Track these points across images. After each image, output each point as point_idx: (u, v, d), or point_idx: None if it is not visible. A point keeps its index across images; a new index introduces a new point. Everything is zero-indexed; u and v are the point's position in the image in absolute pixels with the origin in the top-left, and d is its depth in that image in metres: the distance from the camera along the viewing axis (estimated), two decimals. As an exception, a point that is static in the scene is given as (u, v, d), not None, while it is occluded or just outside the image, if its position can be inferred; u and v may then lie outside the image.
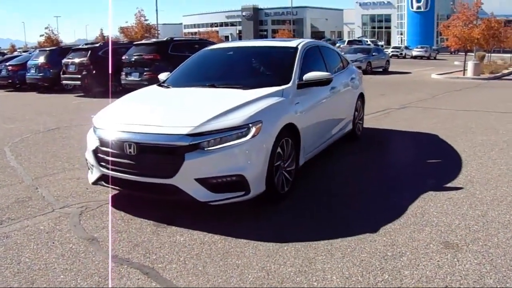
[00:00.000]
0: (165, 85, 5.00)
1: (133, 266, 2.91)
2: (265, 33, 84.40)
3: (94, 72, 12.97)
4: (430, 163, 5.32)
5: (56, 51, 15.80)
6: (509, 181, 4.43)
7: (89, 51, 13.22)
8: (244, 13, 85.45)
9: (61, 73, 14.23)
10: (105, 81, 12.96)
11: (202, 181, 3.47)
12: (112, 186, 3.90)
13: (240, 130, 3.55)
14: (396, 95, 12.34)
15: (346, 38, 67.73)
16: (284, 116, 3.98)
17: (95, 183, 4.04)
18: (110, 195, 4.19)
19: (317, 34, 76.75)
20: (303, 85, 4.53)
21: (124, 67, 12.35)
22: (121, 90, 13.29)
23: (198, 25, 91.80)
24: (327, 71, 5.21)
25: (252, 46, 5.61)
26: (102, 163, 3.83)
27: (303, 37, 64.61)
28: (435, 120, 8.08)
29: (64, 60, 14.00)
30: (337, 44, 40.79)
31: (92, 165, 4.01)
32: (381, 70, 23.35)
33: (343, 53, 9.87)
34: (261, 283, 2.69)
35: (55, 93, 15.14)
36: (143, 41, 14.20)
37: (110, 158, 3.75)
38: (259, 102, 3.90)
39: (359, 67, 21.42)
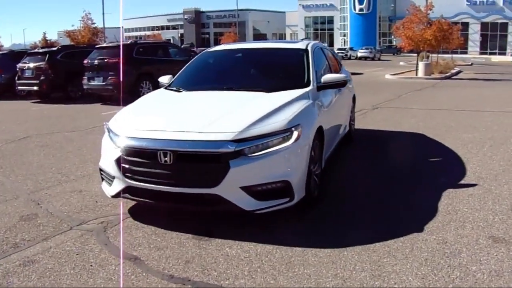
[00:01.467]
0: (174, 89, 4.75)
1: (199, 286, 2.70)
2: (207, 36, 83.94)
3: (52, 76, 12.11)
4: (432, 161, 5.50)
5: (8, 55, 14.64)
6: None
7: (47, 55, 12.31)
8: (186, 16, 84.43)
9: (16, 78, 13.17)
10: (65, 86, 12.17)
11: (247, 189, 3.31)
12: (141, 199, 3.61)
13: (283, 134, 3.43)
14: (362, 96, 12.57)
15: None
16: (316, 119, 3.93)
17: (116, 196, 3.72)
18: (121, 208, 3.91)
19: (258, 37, 77.50)
20: (321, 87, 4.50)
21: (86, 71, 11.65)
22: (80, 95, 12.59)
23: (140, 29, 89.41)
24: (331, 72, 5.24)
25: (259, 48, 5.50)
26: (128, 174, 3.53)
27: (245, 40, 65.23)
28: (414, 119, 8.41)
29: (19, 65, 12.98)
30: None
31: (113, 177, 3.69)
32: None
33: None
34: (343, 292, 2.61)
35: (8, 100, 13.93)
36: (105, 44, 13.52)
37: (139, 169, 3.48)
38: (291, 106, 3.80)
39: None
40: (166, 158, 3.32)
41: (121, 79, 11.03)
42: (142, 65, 11.72)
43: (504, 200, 3.99)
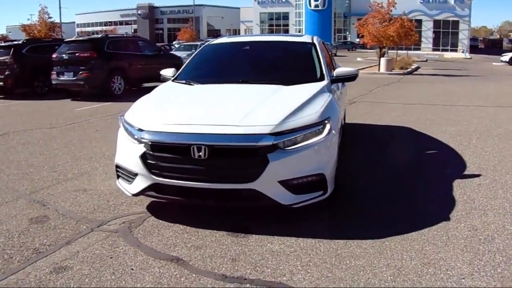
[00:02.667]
0: (183, 82, 4.58)
1: (258, 284, 2.62)
2: (161, 31, 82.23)
3: (18, 71, 11.30)
4: (431, 154, 5.69)
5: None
6: None
7: (12, 49, 11.45)
8: (139, 12, 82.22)
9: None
10: (31, 81, 11.41)
11: (284, 183, 3.25)
12: (169, 196, 3.45)
13: (316, 127, 3.39)
14: (334, 91, 12.95)
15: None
16: (339, 112, 3.93)
17: (139, 194, 3.53)
18: (131, 205, 3.73)
19: (213, 33, 77.03)
20: (334, 80, 4.52)
21: (54, 66, 10.98)
22: (47, 91, 11.89)
23: (92, 24, 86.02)
24: (331, 66, 5.28)
25: (266, 41, 5.43)
26: (155, 171, 3.36)
27: (199, 36, 64.57)
28: (394, 113, 8.67)
29: (-18, 60, 11.93)
30: None
31: (135, 174, 3.50)
32: None
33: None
34: (403, 280, 2.63)
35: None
36: (75, 38, 12.86)
37: (168, 165, 3.32)
38: (317, 99, 3.77)
39: None
40: (200, 153, 3.18)
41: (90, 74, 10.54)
42: (114, 59, 11.26)
43: (511, 189, 4.20)
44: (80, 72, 10.53)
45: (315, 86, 4.11)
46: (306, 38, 5.20)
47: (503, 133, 6.64)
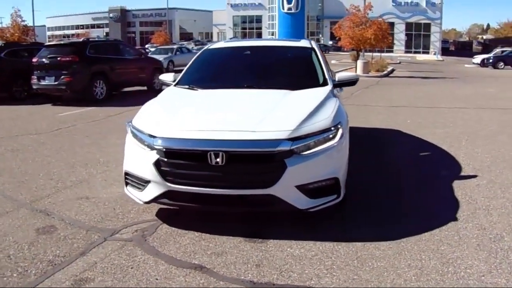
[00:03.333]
0: (186, 87, 4.54)
1: (286, 288, 2.63)
2: (133, 35, 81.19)
3: (-6, 76, 10.85)
4: (424, 156, 5.84)
5: None
6: (505, 167, 5.11)
7: (-13, 53, 11.01)
8: (111, 15, 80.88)
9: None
10: (9, 85, 11.00)
11: (301, 188, 3.27)
12: (183, 203, 3.42)
13: (330, 132, 3.43)
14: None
15: (215, 39, 69.27)
16: (346, 117, 3.99)
17: (152, 201, 3.47)
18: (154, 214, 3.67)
19: (185, 36, 76.72)
20: (336, 85, 4.58)
21: (34, 70, 10.63)
22: (26, 96, 11.51)
23: (63, 27, 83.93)
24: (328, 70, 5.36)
25: (266, 46, 5.45)
26: (169, 177, 3.31)
27: (172, 39, 64.19)
28: (381, 116, 8.85)
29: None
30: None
31: (146, 181, 3.44)
32: None
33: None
34: (426, 279, 2.70)
35: None
36: (55, 42, 12.49)
37: (184, 171, 3.28)
38: (326, 104, 3.82)
39: None
40: (217, 159, 3.17)
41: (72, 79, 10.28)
42: (96, 64, 11.01)
43: (509, 189, 4.35)
44: (62, 77, 10.24)
45: (321, 91, 4.16)
46: (305, 43, 5.26)
47: (489, 134, 6.89)
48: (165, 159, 3.31)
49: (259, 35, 73.97)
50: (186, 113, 3.73)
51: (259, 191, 3.23)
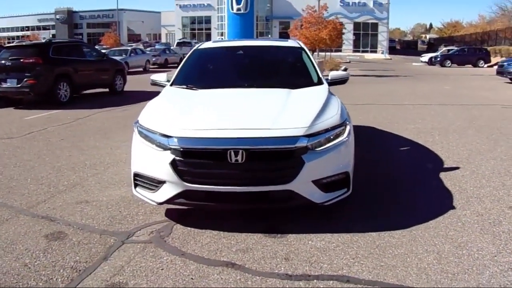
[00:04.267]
0: (184, 87, 4.50)
1: (324, 279, 2.72)
2: (81, 37, 78.18)
3: None
4: (404, 150, 6.15)
5: None
6: (481, 159, 5.49)
7: None
8: (57, 16, 77.50)
9: None
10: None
11: (317, 183, 3.38)
12: (200, 203, 3.42)
13: (340, 128, 3.57)
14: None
15: (164, 41, 68.51)
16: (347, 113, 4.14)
17: (167, 202, 3.44)
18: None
19: (133, 37, 75.16)
20: (330, 83, 4.74)
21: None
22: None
23: (8, 29, 79.20)
24: None
25: (257, 46, 5.50)
26: (187, 177, 3.30)
27: (120, 41, 62.62)
28: (351, 113, 9.08)
29: None
30: (158, 47, 37.09)
31: (160, 182, 3.40)
32: None
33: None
34: (447, 262, 2.88)
35: None
36: (16, 44, 11.76)
37: (202, 170, 3.29)
38: (329, 102, 3.96)
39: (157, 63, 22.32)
40: (237, 157, 3.20)
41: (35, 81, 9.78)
42: (59, 65, 10.55)
43: (492, 178, 4.69)
44: (25, 79, 9.70)
45: (321, 90, 4.31)
46: (293, 43, 5.39)
47: (459, 129, 7.35)
48: (182, 159, 3.30)
49: (208, 36, 73.88)
50: (198, 112, 3.71)
51: (278, 187, 3.30)
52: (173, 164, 3.31)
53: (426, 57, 34.69)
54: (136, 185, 3.66)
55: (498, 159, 5.40)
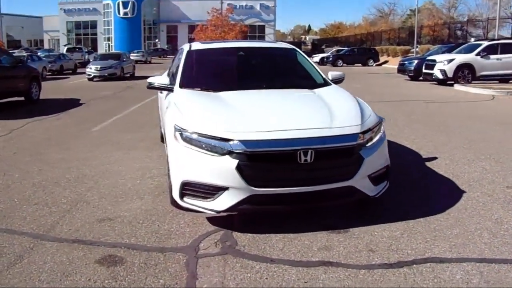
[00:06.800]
0: (198, 89, 4.30)
1: (424, 262, 2.87)
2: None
3: None
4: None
5: None
6: (450, 148, 6.09)
7: None
8: None
9: None
10: None
11: (370, 177, 3.53)
12: (267, 206, 3.33)
13: (378, 125, 3.75)
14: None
15: (47, 47, 63.20)
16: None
17: (229, 210, 3.28)
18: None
19: (13, 43, 67.93)
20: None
21: None
22: None
23: None
24: None
25: (254, 47, 5.43)
26: (254, 181, 3.18)
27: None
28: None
29: None
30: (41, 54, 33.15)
31: (223, 188, 3.22)
32: (128, 75, 22.90)
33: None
34: (502, 235, 3.24)
35: None
36: None
37: (270, 173, 3.24)
38: (358, 101, 4.11)
39: (114, 74, 21.20)
40: (306, 158, 3.19)
41: None
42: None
43: (471, 165, 5.22)
44: None
45: (339, 89, 4.47)
46: (285, 44, 5.47)
47: (406, 124, 8.04)
48: (248, 162, 3.17)
49: (94, 41, 70.22)
50: (249, 114, 3.57)
51: (341, 184, 3.37)
52: (239, 168, 3.16)
53: (317, 57, 36.76)
54: (184, 195, 3.39)
55: (461, 149, 6.08)
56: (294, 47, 5.38)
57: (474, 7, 65.05)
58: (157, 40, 66.59)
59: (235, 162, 3.17)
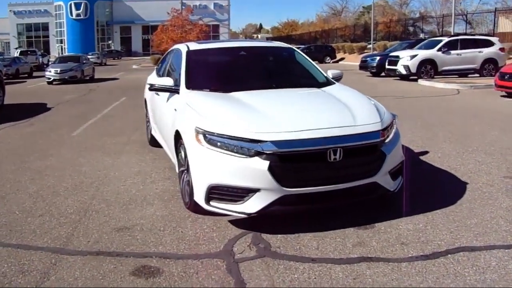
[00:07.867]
0: (207, 90, 4.20)
1: (457, 251, 2.98)
2: None
3: None
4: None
5: None
6: (436, 143, 6.29)
7: None
8: None
9: None
10: None
11: (390, 173, 3.60)
12: (298, 206, 3.33)
13: (392, 123, 3.82)
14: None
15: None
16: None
17: (261, 211, 3.23)
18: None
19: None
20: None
21: None
22: None
23: None
24: None
25: (254, 46, 5.37)
26: (286, 182, 3.16)
27: None
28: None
29: None
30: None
31: (254, 190, 3.18)
32: (88, 78, 22.09)
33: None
34: (506, 225, 3.39)
35: None
36: None
37: (302, 172, 3.24)
38: (369, 99, 4.17)
39: (75, 76, 20.47)
40: (335, 156, 3.21)
41: None
42: None
43: (463, 157, 5.44)
44: None
45: (345, 88, 4.52)
46: (282, 44, 5.46)
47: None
48: (280, 163, 3.15)
49: (47, 44, 67.38)
50: (276, 115, 3.52)
51: (366, 180, 3.41)
52: (271, 169, 3.12)
53: None
54: (210, 199, 3.31)
55: (448, 142, 6.32)
56: (291, 46, 5.39)
57: (427, 3, 67.55)
58: (110, 42, 64.75)
59: (266, 163, 3.13)
